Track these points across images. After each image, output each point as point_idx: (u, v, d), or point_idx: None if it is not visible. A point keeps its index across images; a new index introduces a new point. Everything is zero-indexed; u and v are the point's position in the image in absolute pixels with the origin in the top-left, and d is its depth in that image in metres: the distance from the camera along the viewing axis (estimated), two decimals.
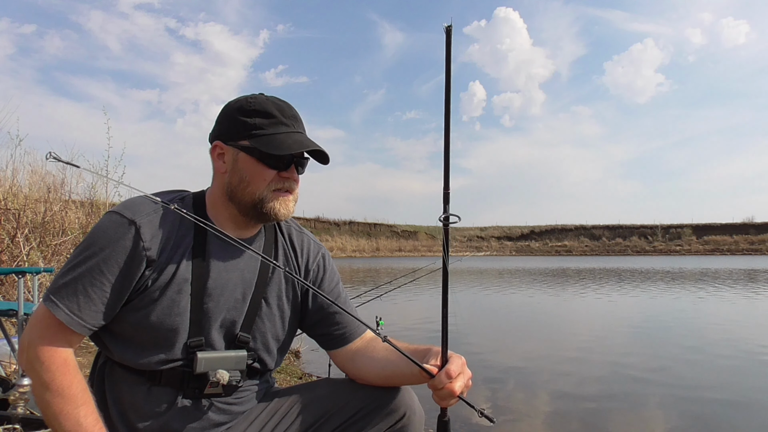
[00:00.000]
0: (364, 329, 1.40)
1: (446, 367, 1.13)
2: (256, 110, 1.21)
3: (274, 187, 1.22)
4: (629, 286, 15.27)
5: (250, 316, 1.27)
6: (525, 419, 3.61)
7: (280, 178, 1.22)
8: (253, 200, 1.22)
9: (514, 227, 73.92)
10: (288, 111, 1.24)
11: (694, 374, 4.90)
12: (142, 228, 1.15)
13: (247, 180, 1.21)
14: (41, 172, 7.31)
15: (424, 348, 1.25)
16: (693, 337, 6.96)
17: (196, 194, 1.30)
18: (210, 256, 1.22)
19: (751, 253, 56.38)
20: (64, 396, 1.09)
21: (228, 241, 1.24)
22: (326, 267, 1.42)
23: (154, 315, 1.17)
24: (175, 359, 1.19)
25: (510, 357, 5.78)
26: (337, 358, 1.39)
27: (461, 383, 1.13)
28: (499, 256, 56.50)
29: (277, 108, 1.23)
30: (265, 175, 1.21)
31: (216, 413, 1.24)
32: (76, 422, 1.08)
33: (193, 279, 1.20)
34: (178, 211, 1.17)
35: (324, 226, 62.38)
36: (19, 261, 5.74)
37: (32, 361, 1.12)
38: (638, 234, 68.64)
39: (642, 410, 3.81)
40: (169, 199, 1.22)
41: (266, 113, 1.21)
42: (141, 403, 1.18)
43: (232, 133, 1.23)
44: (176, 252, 1.19)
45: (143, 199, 1.21)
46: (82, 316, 1.12)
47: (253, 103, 1.23)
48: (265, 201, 1.21)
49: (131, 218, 1.16)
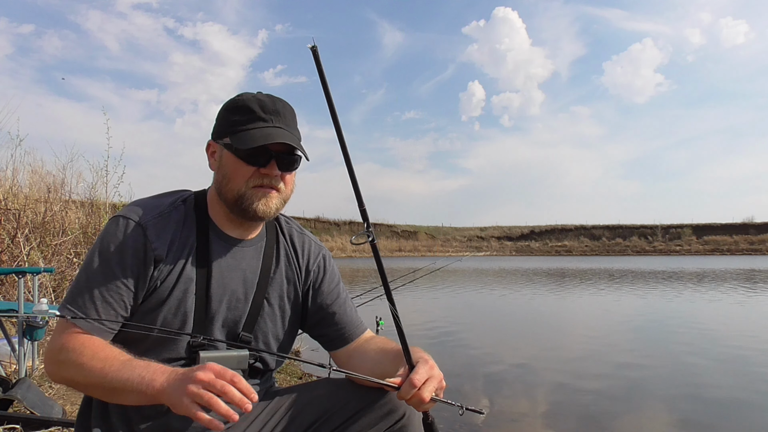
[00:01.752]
0: (363, 330, 1.41)
1: (410, 377, 1.12)
2: (238, 107, 1.23)
3: (253, 183, 1.21)
4: (629, 286, 15.27)
5: (252, 316, 1.28)
6: (525, 419, 3.61)
7: (259, 174, 1.21)
8: (234, 197, 1.22)
9: (514, 227, 73.89)
10: (270, 106, 1.22)
11: (694, 374, 4.90)
12: (148, 229, 1.18)
13: (229, 176, 1.22)
14: (41, 172, 7.33)
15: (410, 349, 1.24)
16: (693, 337, 6.95)
17: (197, 194, 1.32)
18: (213, 256, 1.24)
19: (751, 253, 56.38)
20: (105, 356, 1.08)
21: (230, 242, 1.27)
22: (327, 268, 1.42)
23: (161, 315, 1.19)
24: (178, 358, 1.20)
25: (510, 357, 5.78)
26: (337, 359, 1.40)
27: (431, 388, 1.12)
28: (499, 256, 56.50)
29: (259, 104, 1.22)
30: (244, 171, 1.21)
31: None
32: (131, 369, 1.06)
33: (197, 279, 1.21)
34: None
35: (324, 226, 62.40)
36: (19, 261, 5.74)
37: (63, 360, 1.11)
38: (638, 234, 68.62)
39: (642, 410, 3.82)
40: (172, 200, 1.25)
41: (246, 109, 1.22)
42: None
43: (218, 131, 1.25)
44: (182, 252, 1.21)
45: (147, 201, 1.24)
46: (103, 321, 1.14)
47: (238, 100, 1.24)
48: (245, 197, 1.21)
49: (137, 221, 1.18)
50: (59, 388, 3.23)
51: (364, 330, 1.42)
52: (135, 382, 1.02)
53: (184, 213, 1.25)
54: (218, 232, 1.27)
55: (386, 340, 1.38)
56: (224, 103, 1.27)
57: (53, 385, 3.24)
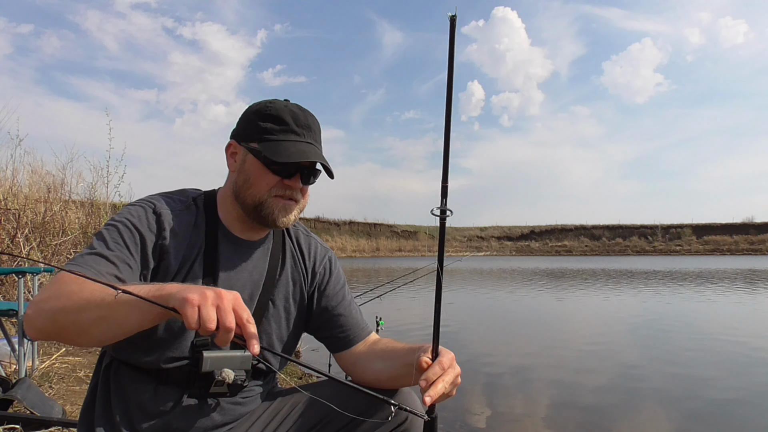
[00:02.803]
0: (368, 333, 1.41)
1: (438, 360, 1.11)
2: (271, 115, 1.23)
3: (275, 192, 1.23)
4: (629, 286, 15.27)
5: (257, 317, 1.28)
6: (525, 419, 3.61)
7: (282, 185, 1.23)
8: (254, 202, 1.23)
9: (514, 227, 73.90)
10: (302, 120, 1.24)
11: (694, 374, 4.90)
12: (162, 217, 1.20)
13: (251, 182, 1.23)
14: (41, 172, 7.32)
15: (417, 346, 1.24)
16: (692, 336, 6.96)
17: (207, 194, 1.33)
18: (220, 256, 1.25)
19: (751, 253, 56.38)
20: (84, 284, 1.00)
21: (238, 243, 1.28)
22: (332, 270, 1.43)
23: None
24: (182, 358, 1.20)
25: (509, 357, 5.78)
26: (342, 361, 1.40)
27: (450, 377, 1.11)
28: (499, 256, 56.51)
29: (292, 115, 1.23)
30: (268, 179, 1.22)
31: (219, 413, 1.24)
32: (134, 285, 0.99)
33: (204, 279, 1.22)
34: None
35: (324, 226, 62.36)
36: (19, 261, 5.74)
37: (51, 295, 1.02)
38: (638, 234, 68.63)
39: (642, 410, 3.82)
40: (185, 199, 1.27)
41: (279, 119, 1.23)
42: (147, 402, 1.19)
43: (245, 134, 1.25)
44: (191, 251, 1.22)
45: (163, 197, 1.26)
46: (100, 270, 1.07)
47: (271, 107, 1.24)
48: (265, 205, 1.22)
49: (153, 207, 1.21)
50: (59, 388, 3.23)
51: (369, 332, 1.42)
52: (144, 290, 0.96)
53: (195, 214, 1.26)
54: (226, 233, 1.28)
55: (392, 341, 1.37)
56: (253, 106, 1.28)
57: (53, 385, 3.24)
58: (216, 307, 0.91)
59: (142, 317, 0.99)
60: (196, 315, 0.89)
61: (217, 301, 0.91)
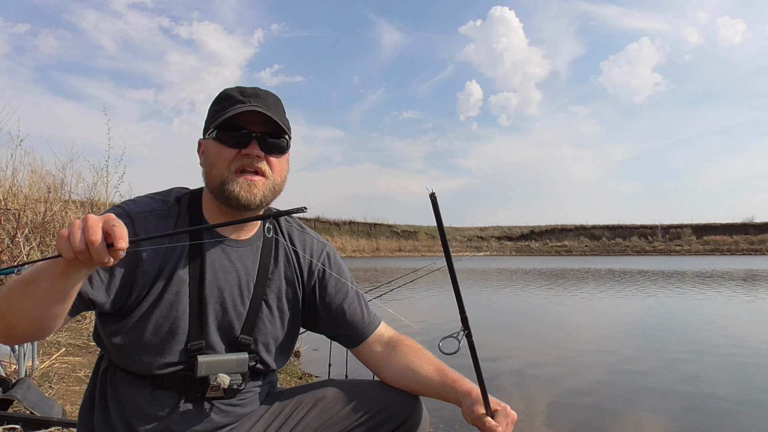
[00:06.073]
0: (377, 324, 1.39)
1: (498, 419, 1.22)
2: (218, 98, 1.23)
3: (235, 167, 1.18)
4: (628, 286, 15.26)
5: (251, 318, 1.26)
6: (524, 419, 3.61)
7: (240, 155, 1.19)
8: (218, 183, 1.19)
9: (514, 227, 73.85)
10: (249, 91, 1.22)
11: (695, 374, 4.90)
12: (136, 222, 1.16)
13: (211, 162, 1.21)
14: (41, 172, 7.31)
15: (451, 380, 1.29)
16: (692, 337, 6.96)
17: (193, 192, 1.30)
18: (207, 257, 1.22)
19: (751, 253, 56.32)
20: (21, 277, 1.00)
21: (225, 242, 1.24)
22: (332, 265, 1.39)
23: (153, 318, 1.16)
24: (177, 363, 1.19)
25: (509, 357, 5.77)
26: (360, 356, 1.39)
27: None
28: (499, 256, 56.47)
29: (238, 90, 1.22)
30: (224, 154, 1.19)
31: (219, 415, 1.24)
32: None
33: (190, 281, 1.19)
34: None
35: (324, 226, 62.32)
36: (19, 261, 5.73)
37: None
38: (638, 234, 68.58)
39: (642, 410, 3.82)
40: (167, 200, 1.24)
41: (225, 97, 1.22)
42: (144, 407, 1.18)
43: (205, 128, 1.25)
44: (173, 253, 1.18)
45: (143, 199, 1.23)
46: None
47: (220, 93, 1.24)
48: (227, 182, 1.18)
49: (128, 211, 1.17)
50: (59, 388, 3.22)
51: (378, 324, 1.40)
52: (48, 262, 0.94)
53: (178, 213, 1.23)
54: (212, 232, 1.24)
55: (416, 354, 1.35)
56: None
57: (53, 385, 3.24)
58: (82, 229, 0.86)
59: (51, 276, 0.93)
60: (67, 244, 0.86)
61: (83, 224, 0.87)
